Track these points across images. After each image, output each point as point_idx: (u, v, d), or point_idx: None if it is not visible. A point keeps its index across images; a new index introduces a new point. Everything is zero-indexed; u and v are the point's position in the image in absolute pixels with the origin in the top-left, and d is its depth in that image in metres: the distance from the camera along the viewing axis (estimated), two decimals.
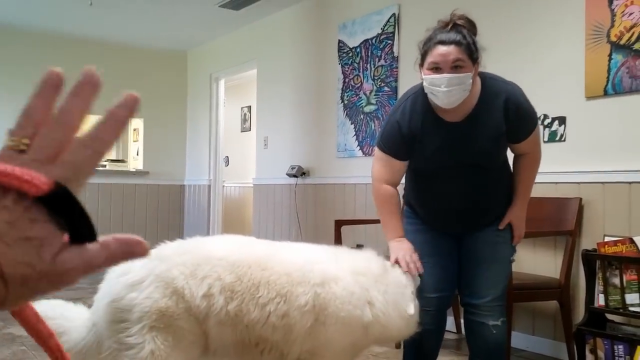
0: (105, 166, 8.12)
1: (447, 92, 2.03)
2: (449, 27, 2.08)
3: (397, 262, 2.11)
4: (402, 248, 2.16)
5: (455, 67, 2.03)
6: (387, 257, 2.16)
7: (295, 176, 5.53)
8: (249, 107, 8.87)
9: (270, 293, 1.89)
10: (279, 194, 5.87)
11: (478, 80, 2.14)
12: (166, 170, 7.42)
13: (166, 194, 7.40)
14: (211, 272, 1.88)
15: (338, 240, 4.26)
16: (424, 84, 2.11)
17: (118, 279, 1.91)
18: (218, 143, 7.15)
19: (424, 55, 2.11)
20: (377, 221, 4.11)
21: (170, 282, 1.87)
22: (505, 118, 2.13)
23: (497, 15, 3.76)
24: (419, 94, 2.19)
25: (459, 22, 2.09)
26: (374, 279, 2.01)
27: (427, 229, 2.35)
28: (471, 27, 2.12)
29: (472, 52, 2.05)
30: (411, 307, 2.02)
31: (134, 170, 7.76)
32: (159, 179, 7.07)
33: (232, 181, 8.84)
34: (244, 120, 9.22)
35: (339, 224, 4.27)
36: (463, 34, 2.06)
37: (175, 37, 7.02)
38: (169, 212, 7.48)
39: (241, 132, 9.21)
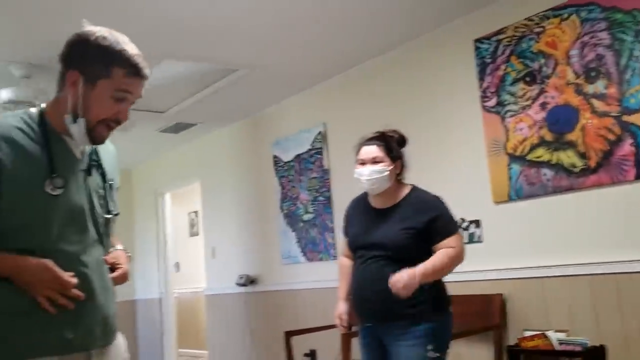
0: None
1: (368, 180, 2.62)
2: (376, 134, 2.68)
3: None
4: (338, 308, 2.81)
5: (375, 162, 2.61)
6: None
7: (244, 285, 5.72)
8: (196, 212, 9.06)
9: None
10: (230, 303, 6.01)
11: (405, 184, 2.71)
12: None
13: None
14: None
15: (289, 350, 4.42)
16: (355, 175, 2.68)
17: None
18: (167, 253, 7.27)
19: (356, 155, 2.69)
20: (327, 327, 4.36)
21: None
22: (427, 218, 2.56)
23: (412, 139, 4.18)
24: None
25: (389, 133, 2.69)
26: None
27: (367, 345, 2.74)
28: (399, 138, 2.71)
29: (390, 151, 2.63)
30: None
31: None
32: None
33: (183, 287, 8.88)
34: (192, 225, 9.39)
35: (288, 334, 4.42)
36: (385, 139, 2.66)
37: (119, 158, 7.24)
38: (120, 328, 7.41)
39: (190, 236, 9.35)
